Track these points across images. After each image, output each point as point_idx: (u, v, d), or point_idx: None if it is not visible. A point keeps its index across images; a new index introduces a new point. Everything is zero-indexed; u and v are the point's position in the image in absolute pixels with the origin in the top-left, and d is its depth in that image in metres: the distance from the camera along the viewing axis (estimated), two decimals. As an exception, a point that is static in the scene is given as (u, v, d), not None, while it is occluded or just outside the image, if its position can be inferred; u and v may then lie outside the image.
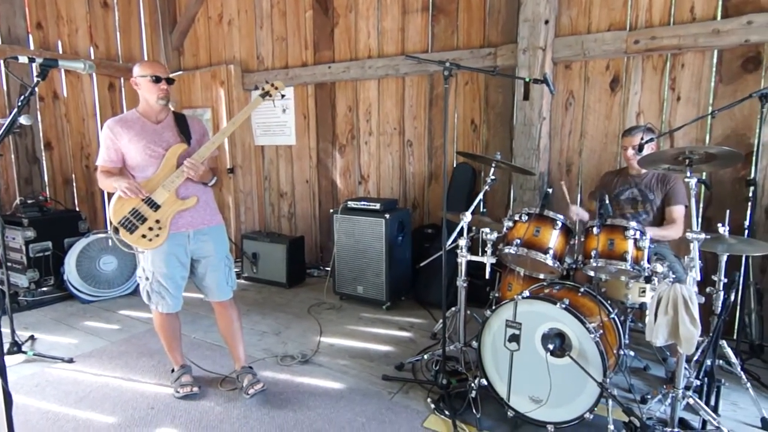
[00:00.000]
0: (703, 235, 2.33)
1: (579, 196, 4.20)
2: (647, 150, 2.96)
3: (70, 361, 3.43)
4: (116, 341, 3.79)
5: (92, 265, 4.71)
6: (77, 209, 5.55)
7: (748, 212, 3.10)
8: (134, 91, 6.45)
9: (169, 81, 2.84)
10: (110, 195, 2.79)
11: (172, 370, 3.14)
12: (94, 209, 5.95)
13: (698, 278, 2.32)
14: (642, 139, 3.07)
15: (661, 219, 3.34)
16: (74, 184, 5.78)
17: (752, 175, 3.14)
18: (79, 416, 2.79)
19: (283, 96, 3.01)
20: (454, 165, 4.72)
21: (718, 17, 3.50)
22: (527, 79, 2.85)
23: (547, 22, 3.92)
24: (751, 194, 3.12)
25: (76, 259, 4.62)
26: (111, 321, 4.23)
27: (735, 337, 3.28)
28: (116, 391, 3.07)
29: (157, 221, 2.74)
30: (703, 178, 3.40)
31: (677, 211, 3.23)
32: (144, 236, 2.73)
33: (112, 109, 6.13)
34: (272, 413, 2.81)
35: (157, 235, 2.74)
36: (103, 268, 4.76)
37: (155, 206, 2.73)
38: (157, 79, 2.77)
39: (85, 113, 5.88)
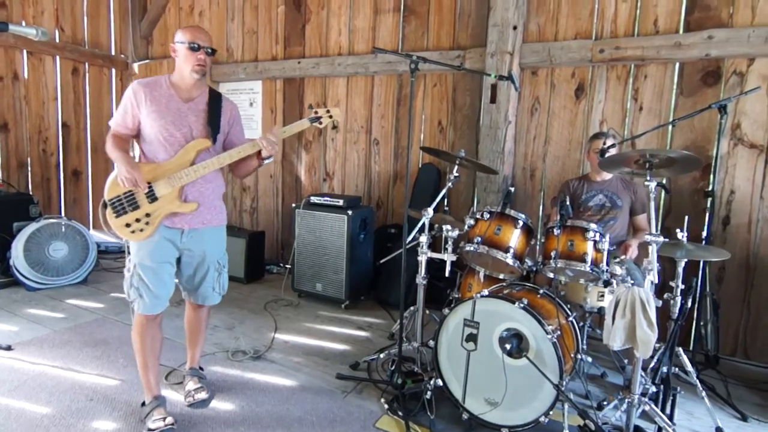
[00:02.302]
0: (661, 238, 2.34)
1: (541, 201, 4.23)
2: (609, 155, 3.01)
3: (8, 348, 3.25)
4: (59, 330, 3.61)
5: (41, 251, 4.49)
6: (30, 193, 5.33)
7: (706, 222, 3.15)
8: (98, 78, 6.33)
9: (210, 51, 2.47)
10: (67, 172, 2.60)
11: (143, 404, 2.58)
12: (48, 194, 5.75)
13: (656, 281, 2.33)
14: (605, 143, 3.11)
15: (627, 226, 3.38)
16: (29, 168, 5.57)
17: (710, 187, 3.19)
18: (12, 405, 2.63)
19: (335, 127, 2.74)
20: (420, 165, 4.70)
21: (681, 31, 3.58)
22: (493, 76, 2.84)
23: (515, 27, 3.95)
24: (709, 205, 3.18)
25: (24, 244, 4.40)
26: (56, 309, 4.04)
27: (691, 347, 3.32)
28: (54, 380, 2.91)
29: (148, 215, 2.41)
30: (665, 184, 3.47)
31: (644, 219, 3.32)
32: (128, 225, 2.40)
33: (74, 94, 5.97)
34: (218, 409, 2.70)
35: (142, 230, 2.41)
36: (53, 254, 4.55)
37: (153, 197, 2.41)
38: (195, 47, 2.40)
39: (45, 96, 5.71)
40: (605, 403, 2.80)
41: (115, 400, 2.73)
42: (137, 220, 2.41)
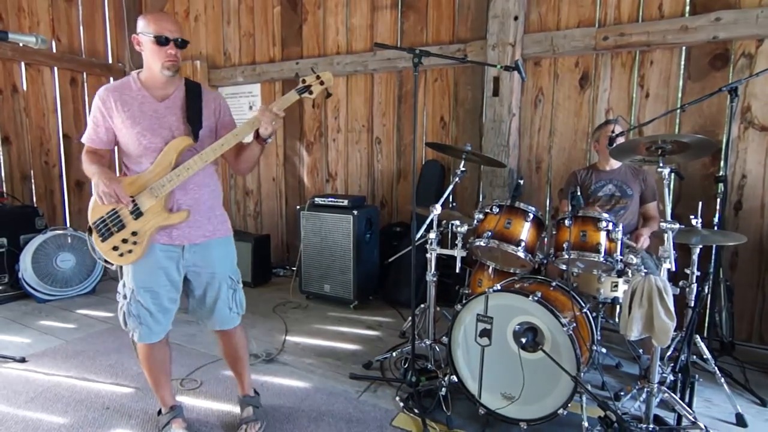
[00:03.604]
0: (677, 225, 2.30)
1: (548, 192, 4.20)
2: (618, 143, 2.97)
3: (22, 360, 3.25)
4: (72, 340, 3.61)
5: (49, 262, 4.50)
6: (35, 205, 5.32)
7: (717, 208, 3.11)
8: (97, 87, 6.27)
9: (180, 44, 2.13)
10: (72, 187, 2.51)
11: (159, 412, 2.53)
12: (53, 206, 5.73)
13: (673, 268, 2.29)
14: (613, 132, 3.07)
15: (637, 215, 3.34)
16: (32, 180, 5.55)
17: (721, 172, 3.14)
18: (29, 417, 2.63)
19: (329, 95, 2.27)
20: (423, 162, 4.68)
21: (687, 14, 3.53)
22: (499, 66, 2.80)
23: (516, 18, 3.92)
24: (720, 190, 3.13)
25: (32, 256, 4.41)
26: (68, 320, 4.04)
27: (706, 334, 3.29)
28: (69, 390, 2.90)
29: (134, 233, 2.14)
30: (679, 170, 3.43)
31: (655, 207, 3.29)
32: (116, 248, 2.15)
33: (73, 104, 5.94)
34: (234, 413, 2.68)
35: (130, 251, 2.15)
36: (61, 265, 4.55)
37: (138, 213, 2.15)
38: (162, 41, 2.08)
39: (45, 108, 5.68)
40: (622, 393, 2.78)
41: (132, 408, 2.72)
42: (124, 241, 2.15)
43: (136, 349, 2.41)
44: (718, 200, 3.13)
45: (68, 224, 5.79)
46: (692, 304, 2.53)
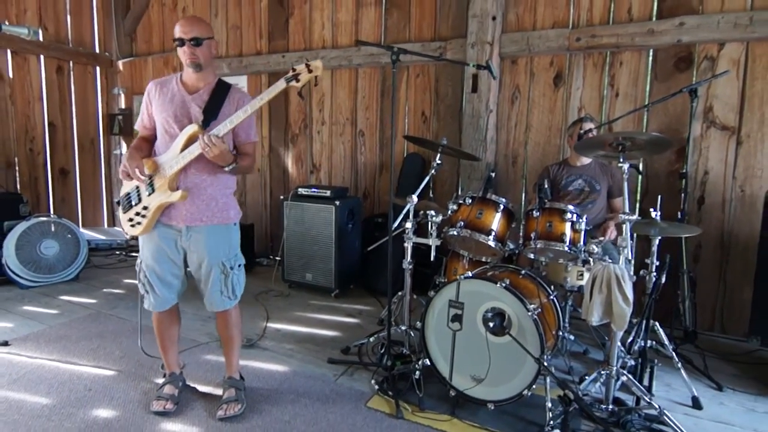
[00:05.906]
0: (634, 216, 2.45)
1: (523, 186, 4.34)
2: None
3: (5, 344, 3.30)
4: (55, 325, 3.66)
5: (32, 249, 4.53)
6: (19, 192, 5.35)
7: (681, 203, 3.27)
8: (83, 76, 6.30)
9: (195, 42, 2.33)
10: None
11: (163, 375, 2.79)
12: (36, 193, 5.78)
13: (630, 257, 2.43)
14: (581, 129, 3.21)
15: (605, 208, 3.49)
16: (17, 168, 5.57)
17: (684, 169, 3.30)
18: (12, 397, 2.69)
19: (316, 84, 2.39)
20: (405, 155, 4.79)
21: (654, 18, 3.69)
22: (472, 65, 2.93)
23: (494, 18, 4.04)
24: (683, 186, 3.29)
25: (15, 242, 4.43)
26: (51, 306, 4.09)
27: (671, 324, 3.45)
28: (52, 373, 2.97)
29: (145, 208, 2.43)
30: (638, 165, 3.57)
31: (621, 201, 3.42)
32: (131, 220, 2.47)
33: (59, 92, 5.97)
34: (214, 394, 2.77)
35: (139, 223, 2.44)
36: (44, 252, 4.58)
37: (151, 189, 2.42)
38: (179, 43, 2.34)
39: (31, 96, 5.71)
40: (586, 377, 2.89)
41: (114, 389, 2.80)
42: (137, 214, 2.45)
43: None
44: (682, 195, 3.29)
45: (52, 212, 5.82)
46: (649, 292, 2.68)
